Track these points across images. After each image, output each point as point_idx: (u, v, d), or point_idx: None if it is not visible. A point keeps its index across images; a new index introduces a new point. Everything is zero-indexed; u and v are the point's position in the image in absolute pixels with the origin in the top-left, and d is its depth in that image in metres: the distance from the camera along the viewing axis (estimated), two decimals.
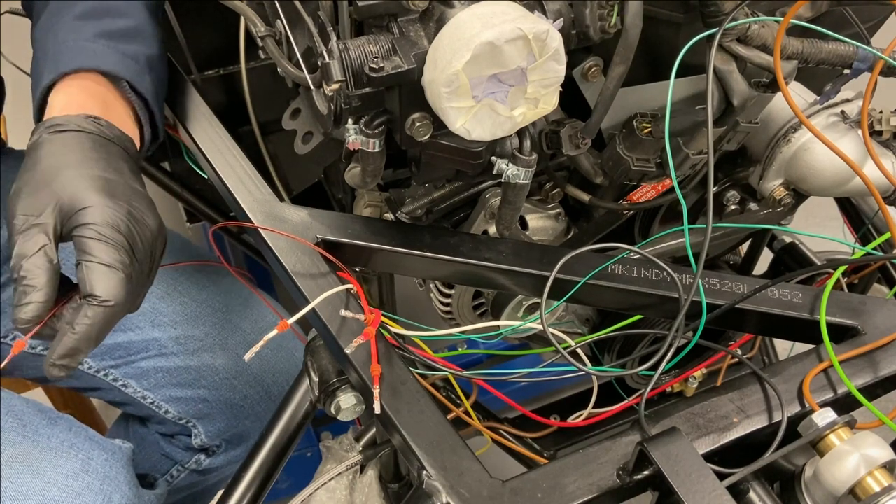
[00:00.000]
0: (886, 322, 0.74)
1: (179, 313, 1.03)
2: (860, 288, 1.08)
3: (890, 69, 0.74)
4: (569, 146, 0.77)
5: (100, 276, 0.62)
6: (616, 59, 0.70)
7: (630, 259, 0.77)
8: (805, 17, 0.75)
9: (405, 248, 0.75)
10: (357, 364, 0.67)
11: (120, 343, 1.01)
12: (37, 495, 0.83)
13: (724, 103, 0.75)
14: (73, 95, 0.72)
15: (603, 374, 0.75)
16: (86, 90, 0.72)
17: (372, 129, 0.67)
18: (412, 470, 0.64)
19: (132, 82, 0.75)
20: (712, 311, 0.74)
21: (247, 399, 1.07)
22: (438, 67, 0.60)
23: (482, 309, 1.01)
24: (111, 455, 0.89)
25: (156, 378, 1.03)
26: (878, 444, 0.61)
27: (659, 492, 0.63)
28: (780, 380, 0.70)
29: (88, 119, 0.70)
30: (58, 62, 0.73)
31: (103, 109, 0.72)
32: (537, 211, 0.93)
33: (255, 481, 0.83)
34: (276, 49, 0.75)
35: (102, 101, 0.73)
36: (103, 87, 0.74)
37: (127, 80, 0.75)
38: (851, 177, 0.84)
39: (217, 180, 0.80)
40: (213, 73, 1.08)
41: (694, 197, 0.93)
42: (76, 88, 0.72)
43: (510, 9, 0.61)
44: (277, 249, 0.73)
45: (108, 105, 0.73)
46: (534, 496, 0.61)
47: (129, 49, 0.76)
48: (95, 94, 0.73)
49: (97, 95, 0.73)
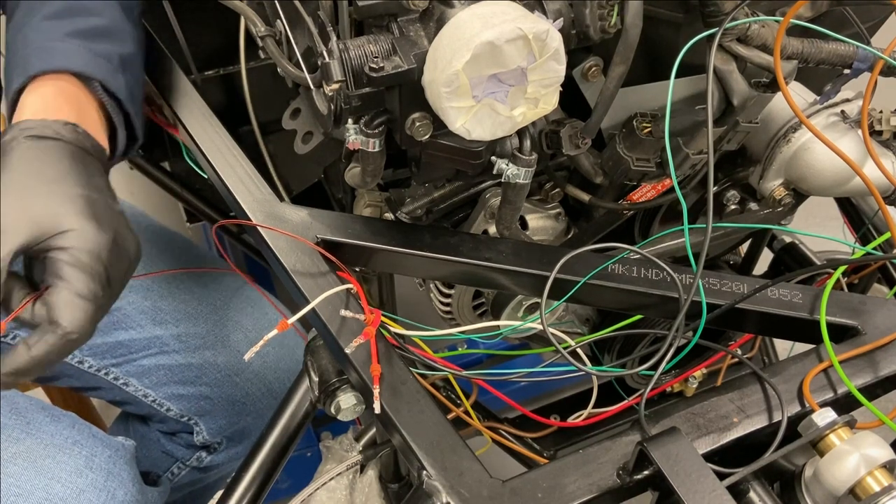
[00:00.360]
0: (886, 322, 0.74)
1: (181, 311, 1.03)
2: (860, 288, 1.08)
3: (890, 69, 0.74)
4: (569, 146, 0.77)
5: (69, 306, 0.59)
6: (616, 59, 0.70)
7: (630, 259, 0.77)
8: (805, 16, 0.75)
9: (405, 248, 0.75)
10: (357, 364, 0.67)
11: (121, 341, 1.01)
12: (40, 492, 0.83)
13: (724, 103, 0.75)
14: (47, 98, 0.69)
15: (603, 374, 0.75)
16: (61, 92, 0.70)
17: (372, 128, 0.67)
18: (412, 470, 0.64)
19: (104, 82, 0.72)
20: (712, 310, 0.74)
21: (248, 396, 1.07)
22: (438, 67, 0.60)
23: (482, 309, 1.01)
24: (114, 452, 0.89)
25: (157, 376, 1.03)
26: (878, 444, 0.61)
27: (659, 492, 0.63)
28: (780, 380, 0.70)
29: (67, 126, 0.67)
30: (27, 64, 0.70)
31: (78, 114, 0.69)
32: (537, 211, 0.93)
33: (255, 481, 0.83)
34: (276, 49, 0.75)
35: (77, 105, 0.70)
36: (76, 87, 0.71)
37: (99, 81, 0.72)
38: (851, 176, 0.84)
39: (217, 180, 0.80)
40: (213, 73, 1.08)
41: (694, 197, 0.93)
42: (50, 90, 0.70)
43: (510, 8, 0.61)
44: (277, 249, 0.73)
45: (82, 109, 0.70)
46: (534, 496, 0.61)
47: (101, 48, 0.73)
48: (70, 96, 0.70)
49: (71, 98, 0.70)
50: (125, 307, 1.01)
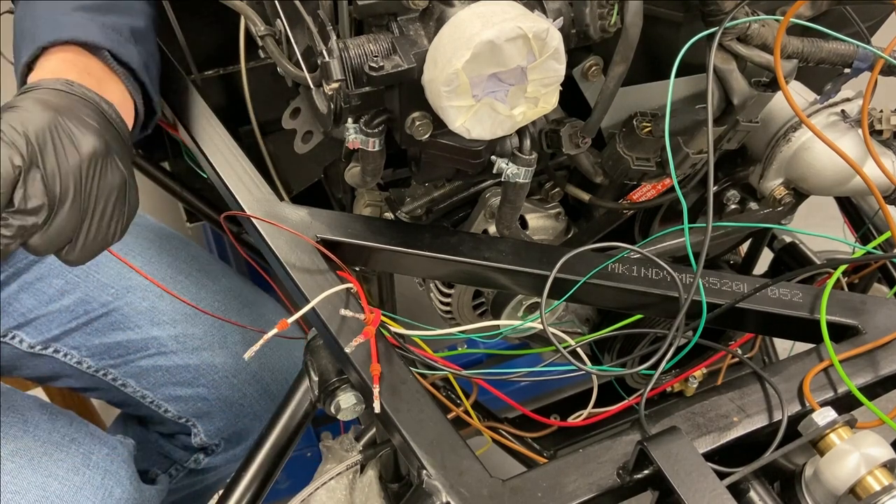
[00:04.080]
0: (887, 321, 0.74)
1: (178, 312, 1.03)
2: (860, 287, 1.08)
3: (890, 68, 0.74)
4: (569, 145, 0.77)
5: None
6: (616, 59, 0.70)
7: (630, 258, 0.77)
8: (805, 16, 0.75)
9: (405, 248, 0.75)
10: (357, 363, 0.66)
11: (119, 342, 1.01)
12: (37, 489, 0.83)
13: (725, 102, 0.75)
14: (51, 70, 0.69)
15: (603, 373, 0.75)
16: (66, 62, 0.70)
17: (372, 128, 0.67)
18: (412, 469, 0.64)
19: (114, 51, 0.72)
20: (712, 310, 0.74)
21: (246, 397, 1.07)
22: (438, 66, 0.60)
23: (482, 308, 1.01)
24: (112, 450, 0.89)
25: (155, 377, 1.03)
26: (878, 444, 0.61)
27: (659, 491, 0.63)
28: (780, 379, 0.69)
29: (60, 81, 0.67)
30: (35, 36, 0.70)
31: (79, 76, 0.69)
32: (537, 210, 0.93)
33: (254, 481, 0.83)
34: (276, 48, 0.75)
35: (83, 70, 0.70)
36: (84, 57, 0.71)
37: (108, 50, 0.72)
38: (852, 176, 0.84)
39: (217, 180, 0.80)
40: (213, 72, 1.08)
41: (694, 196, 0.93)
42: (56, 62, 0.70)
43: (510, 7, 0.61)
44: (277, 248, 0.73)
45: (90, 73, 0.70)
46: (534, 495, 0.61)
47: (109, 20, 0.74)
48: (76, 63, 0.70)
49: (77, 65, 0.70)
50: (123, 308, 1.01)
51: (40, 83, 0.67)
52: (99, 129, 0.65)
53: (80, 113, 0.65)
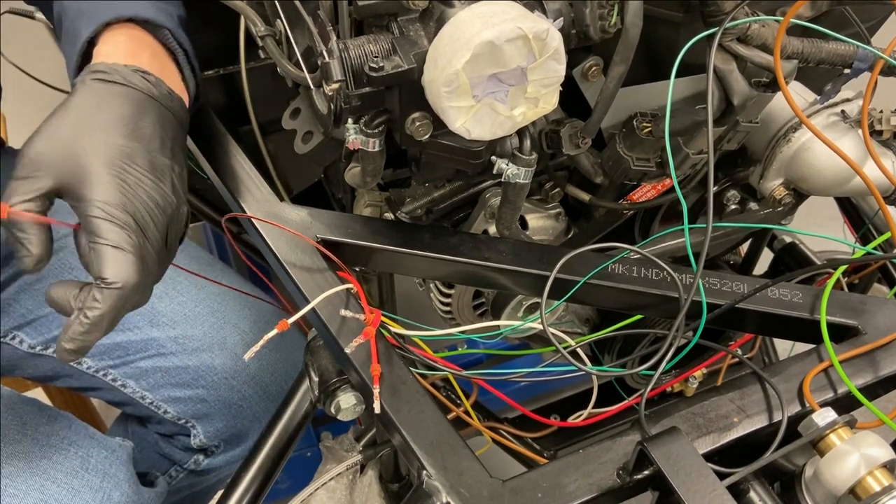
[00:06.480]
0: (887, 322, 0.74)
1: (178, 313, 1.03)
2: (860, 288, 1.08)
3: (890, 69, 0.74)
4: (569, 146, 0.77)
5: (108, 258, 0.59)
6: (616, 59, 0.70)
7: (630, 259, 0.77)
8: (805, 16, 0.75)
9: (405, 248, 0.75)
10: (357, 364, 0.67)
11: (118, 343, 1.01)
12: (36, 492, 0.83)
13: (725, 103, 0.75)
14: (120, 44, 0.68)
15: (603, 373, 0.75)
16: (133, 39, 0.69)
17: (372, 128, 0.67)
18: (412, 470, 0.64)
19: (174, 32, 0.72)
20: (712, 310, 0.74)
21: (245, 399, 1.07)
22: (438, 67, 0.60)
23: (482, 309, 1.01)
24: (111, 453, 0.89)
25: (154, 378, 1.03)
26: (878, 444, 0.61)
27: (659, 491, 0.63)
28: (780, 379, 0.69)
29: (136, 73, 0.66)
30: (94, 14, 0.69)
31: (151, 60, 0.68)
32: (537, 211, 0.93)
33: (254, 481, 0.83)
34: (276, 49, 0.75)
35: (151, 51, 0.69)
36: (147, 36, 0.70)
37: (169, 29, 0.72)
38: (852, 176, 0.84)
39: (217, 180, 0.80)
40: (213, 73, 1.08)
41: (694, 197, 0.93)
42: (123, 37, 0.69)
43: (510, 8, 0.61)
44: (277, 249, 0.73)
45: (155, 56, 0.70)
46: (534, 496, 0.61)
47: (161, 4, 0.73)
48: (143, 42, 0.69)
49: (145, 44, 0.69)
50: None
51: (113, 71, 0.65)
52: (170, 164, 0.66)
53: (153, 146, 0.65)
